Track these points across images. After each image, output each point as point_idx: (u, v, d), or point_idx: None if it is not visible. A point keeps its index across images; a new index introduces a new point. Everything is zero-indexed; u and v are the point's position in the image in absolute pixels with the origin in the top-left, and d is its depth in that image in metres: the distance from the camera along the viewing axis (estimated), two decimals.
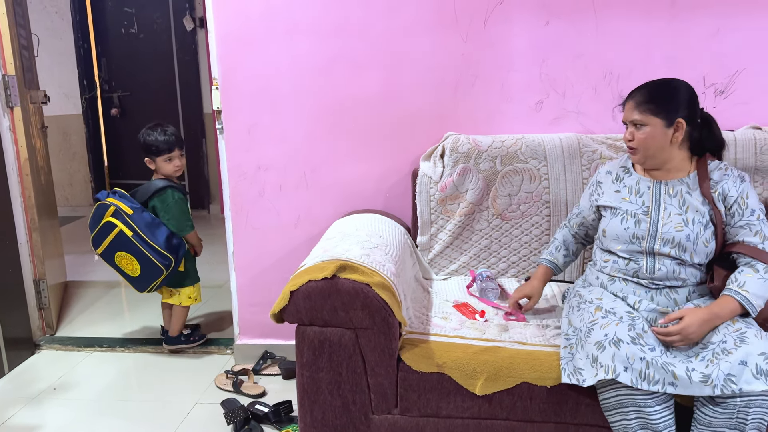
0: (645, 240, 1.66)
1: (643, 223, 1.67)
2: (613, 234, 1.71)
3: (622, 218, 1.70)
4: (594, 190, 1.84)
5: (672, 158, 1.67)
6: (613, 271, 1.73)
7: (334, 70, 2.27)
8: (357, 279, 1.58)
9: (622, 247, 1.69)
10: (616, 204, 1.73)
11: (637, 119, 1.63)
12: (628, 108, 1.67)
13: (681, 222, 1.63)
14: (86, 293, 3.45)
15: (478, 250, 2.21)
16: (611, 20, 2.12)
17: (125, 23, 5.12)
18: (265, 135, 2.35)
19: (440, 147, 2.23)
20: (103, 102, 5.29)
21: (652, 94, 1.63)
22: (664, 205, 1.67)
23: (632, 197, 1.72)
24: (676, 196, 1.66)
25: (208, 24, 2.30)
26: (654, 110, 1.61)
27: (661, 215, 1.66)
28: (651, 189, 1.70)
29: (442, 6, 2.18)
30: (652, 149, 1.64)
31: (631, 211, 1.70)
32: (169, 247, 2.45)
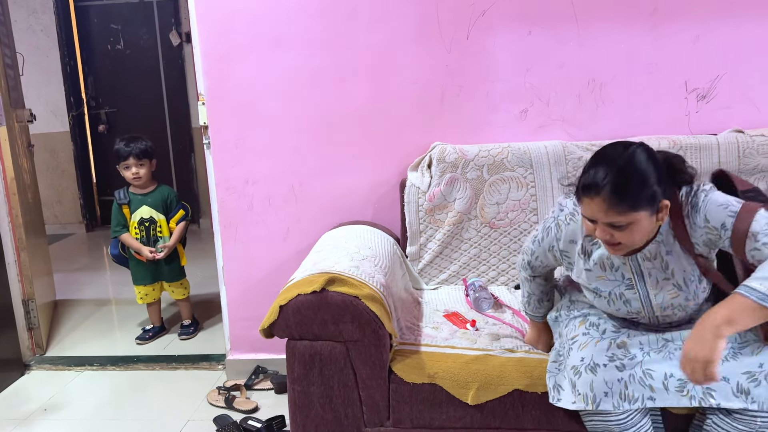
0: (642, 312, 1.49)
1: (634, 302, 1.48)
2: (603, 306, 1.54)
3: (608, 301, 1.51)
4: (557, 255, 1.58)
5: (652, 232, 1.41)
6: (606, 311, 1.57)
7: (320, 83, 2.28)
8: (346, 291, 1.58)
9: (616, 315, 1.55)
10: (593, 286, 1.52)
11: (614, 221, 1.31)
12: (595, 207, 1.32)
13: (673, 289, 1.43)
14: (76, 311, 3.43)
15: (468, 259, 2.21)
16: (593, 28, 2.15)
17: (111, 39, 5.12)
18: (252, 149, 2.36)
19: (427, 157, 2.24)
20: (91, 119, 5.27)
21: (620, 191, 1.29)
22: (647, 272, 1.45)
23: (608, 273, 1.49)
24: (656, 259, 1.43)
25: (194, 39, 2.31)
26: (635, 205, 1.30)
27: (648, 286, 1.46)
28: (627, 262, 1.46)
29: (425, 18, 2.20)
30: (639, 239, 1.37)
31: (614, 292, 1.49)
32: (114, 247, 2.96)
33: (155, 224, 2.86)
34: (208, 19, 2.26)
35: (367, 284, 1.65)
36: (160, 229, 2.87)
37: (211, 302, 3.36)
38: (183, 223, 2.90)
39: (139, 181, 2.82)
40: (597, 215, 1.33)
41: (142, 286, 2.96)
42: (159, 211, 2.87)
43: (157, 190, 2.89)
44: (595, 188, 1.30)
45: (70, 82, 5.10)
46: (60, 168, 5.29)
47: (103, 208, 5.45)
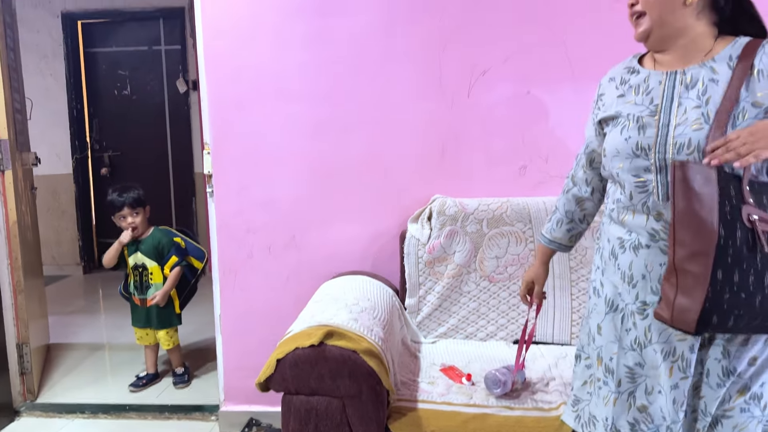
0: (653, 150, 1.26)
1: (649, 129, 1.27)
2: (612, 150, 1.33)
3: (623, 127, 1.31)
4: (596, 106, 1.45)
5: (688, 29, 1.27)
6: (621, 214, 1.34)
7: (324, 134, 2.33)
8: (344, 346, 1.58)
9: (624, 165, 1.30)
10: (618, 110, 1.34)
11: None
12: None
13: (699, 118, 1.22)
14: (69, 356, 3.38)
15: (467, 313, 2.21)
16: (590, 89, 2.19)
17: (118, 85, 5.22)
18: (254, 197, 2.38)
19: (428, 209, 2.27)
20: (94, 161, 5.33)
21: None
22: (677, 101, 1.26)
23: (638, 98, 1.32)
24: (695, 86, 1.25)
25: (201, 92, 2.36)
26: None
27: (673, 114, 1.25)
28: (663, 83, 1.29)
29: (428, 75, 2.26)
30: (659, 9, 1.26)
31: (633, 115, 1.30)
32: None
33: (146, 271, 2.87)
34: (215, 73, 2.32)
35: (366, 338, 1.65)
36: (151, 276, 2.87)
37: (206, 350, 3.33)
38: (176, 269, 2.88)
39: (137, 231, 2.85)
40: None
41: (137, 327, 2.96)
42: (151, 258, 2.87)
43: (150, 236, 2.90)
44: None
45: (76, 126, 5.18)
46: (61, 209, 5.31)
47: (101, 250, 5.43)
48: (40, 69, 5.08)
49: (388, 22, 2.26)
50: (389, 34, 2.26)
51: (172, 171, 5.31)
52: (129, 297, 2.96)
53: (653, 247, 1.28)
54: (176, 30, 5.07)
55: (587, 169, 1.52)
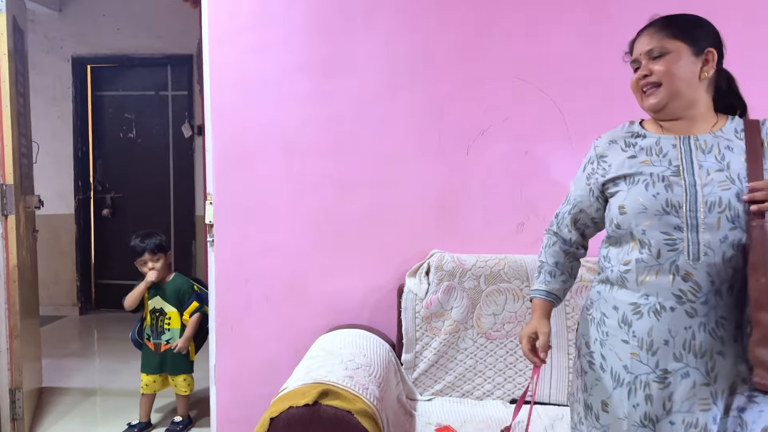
0: (683, 208, 1.25)
1: (677, 187, 1.26)
2: (637, 206, 1.28)
3: (647, 184, 1.29)
4: (595, 167, 1.42)
5: (698, 102, 1.32)
6: (641, 275, 1.28)
7: (325, 188, 2.36)
8: (339, 406, 1.57)
9: (652, 222, 1.27)
10: (635, 170, 1.32)
11: (656, 46, 1.30)
12: (641, 40, 1.34)
13: (725, 179, 1.24)
14: (61, 401, 3.34)
15: (464, 370, 2.20)
16: (585, 148, 2.24)
17: (124, 128, 5.30)
18: (254, 248, 2.40)
19: (426, 264, 2.28)
20: (96, 202, 5.37)
21: (673, 19, 1.32)
22: (697, 163, 1.27)
23: (654, 158, 1.31)
24: (711, 152, 1.28)
25: (207, 141, 2.41)
26: (677, 33, 1.30)
27: (696, 174, 1.26)
28: (678, 146, 1.31)
29: (428, 132, 2.32)
30: (678, 83, 1.29)
31: (657, 173, 1.29)
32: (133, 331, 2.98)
33: (164, 316, 2.87)
34: (221, 124, 2.38)
35: (361, 397, 1.64)
36: (168, 321, 2.88)
37: (202, 400, 3.28)
38: (197, 315, 2.89)
39: (155, 276, 2.86)
40: (641, 46, 1.34)
41: (145, 374, 2.91)
42: (171, 303, 2.88)
43: (171, 281, 2.92)
44: (649, 24, 1.35)
45: (80, 167, 5.24)
46: (60, 249, 5.32)
47: (99, 291, 5.44)
48: (47, 111, 5.17)
49: (390, 83, 2.32)
50: (390, 94, 2.32)
51: (173, 214, 5.34)
52: (141, 343, 2.95)
53: (678, 309, 1.25)
54: (183, 76, 5.18)
55: (572, 228, 1.50)
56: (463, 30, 2.30)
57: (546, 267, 1.52)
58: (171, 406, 3.20)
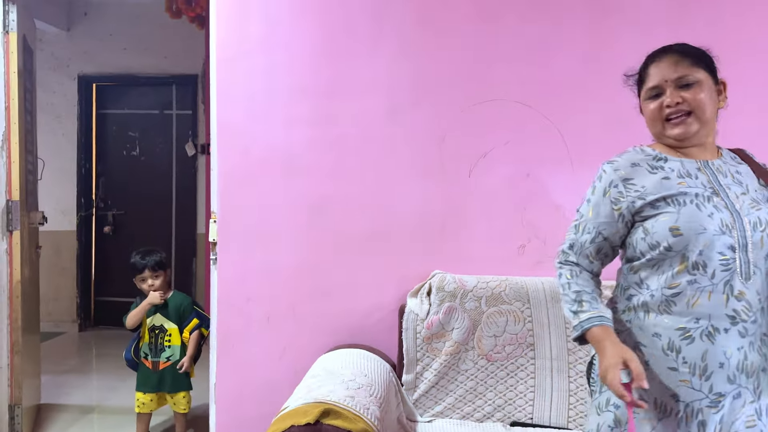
0: (734, 228, 1.26)
1: (723, 209, 1.27)
2: (695, 227, 1.25)
3: (697, 205, 1.27)
4: (622, 191, 1.35)
5: (713, 130, 1.37)
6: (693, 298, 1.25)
7: (328, 208, 2.39)
8: (341, 425, 1.57)
9: (711, 242, 1.24)
10: (675, 191, 1.30)
11: (688, 74, 1.32)
12: (665, 66, 1.34)
13: (753, 202, 1.29)
14: (60, 418, 3.33)
15: (464, 392, 2.20)
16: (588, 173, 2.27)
17: (128, 146, 5.35)
18: (256, 267, 2.42)
19: (427, 285, 2.29)
20: (97, 219, 5.39)
21: (691, 48, 1.36)
22: (726, 186, 1.31)
23: (689, 180, 1.31)
24: (728, 176, 1.33)
25: (212, 160, 2.44)
26: (701, 63, 1.34)
27: (731, 197, 1.29)
28: (702, 170, 1.33)
29: (430, 154, 2.35)
30: (708, 112, 1.32)
31: (701, 194, 1.28)
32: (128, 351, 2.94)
33: (164, 332, 2.87)
34: (226, 144, 2.40)
35: (362, 417, 1.64)
36: (168, 338, 2.87)
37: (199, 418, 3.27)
38: (197, 332, 2.89)
39: (161, 294, 2.86)
40: (666, 72, 1.34)
41: (142, 393, 2.88)
42: (171, 320, 2.88)
43: (171, 298, 2.92)
44: (664, 49, 1.37)
45: (83, 184, 5.27)
46: (61, 266, 5.33)
47: (98, 308, 5.43)
48: (52, 128, 5.22)
49: (392, 105, 2.36)
50: (393, 115, 2.36)
51: (174, 231, 5.36)
52: (136, 362, 2.92)
53: (732, 330, 1.24)
54: (188, 96, 5.24)
55: (594, 258, 1.40)
56: (464, 54, 2.34)
57: (586, 295, 1.36)
58: (165, 425, 3.18)
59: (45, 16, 4.83)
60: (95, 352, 4.79)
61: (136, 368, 2.94)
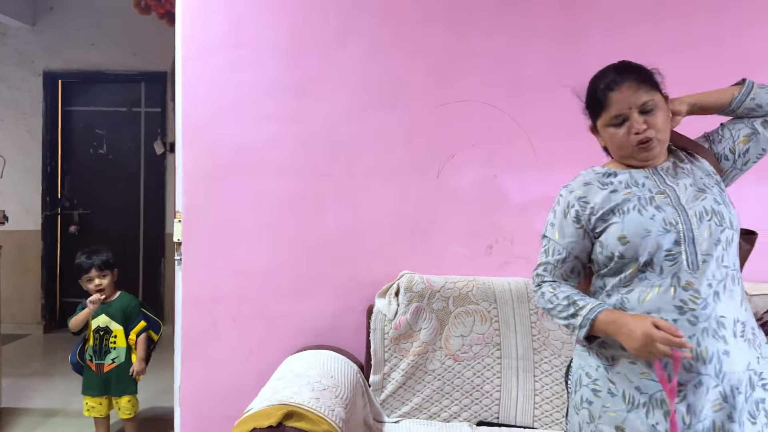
0: (679, 222, 1.32)
1: (666, 206, 1.35)
2: (639, 231, 1.32)
3: (639, 209, 1.35)
4: (578, 209, 1.42)
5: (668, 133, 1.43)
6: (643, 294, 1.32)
7: (296, 209, 2.37)
8: (304, 428, 1.56)
9: (656, 241, 1.31)
10: (621, 200, 1.38)
11: (648, 100, 1.36)
12: (627, 94, 1.36)
13: (697, 191, 1.36)
14: (21, 422, 3.25)
15: (431, 392, 2.20)
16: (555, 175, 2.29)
17: (95, 144, 5.24)
18: (223, 267, 2.39)
19: (395, 285, 2.29)
20: (63, 219, 5.27)
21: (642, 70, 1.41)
22: (673, 183, 1.39)
23: (635, 189, 1.39)
24: (675, 174, 1.41)
25: (177, 158, 2.40)
26: (654, 85, 1.39)
27: (679, 191, 1.37)
28: (649, 177, 1.40)
29: (399, 155, 2.34)
30: (667, 132, 1.40)
31: (644, 197, 1.37)
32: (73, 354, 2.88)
33: (109, 334, 2.81)
34: (192, 141, 2.37)
35: (327, 419, 1.63)
36: (114, 340, 2.81)
37: (162, 419, 3.22)
38: (144, 335, 2.84)
39: (102, 293, 2.81)
40: (629, 99, 1.36)
41: (89, 397, 2.83)
42: (117, 321, 2.82)
43: (117, 299, 2.86)
44: (618, 77, 1.38)
45: (48, 183, 5.15)
46: (25, 266, 5.20)
47: (64, 309, 5.30)
48: (16, 124, 5.09)
49: (362, 104, 2.35)
50: (363, 116, 2.35)
51: (143, 231, 5.27)
52: (82, 365, 2.86)
53: (680, 320, 1.28)
54: (157, 93, 5.15)
55: (567, 277, 1.45)
56: (433, 54, 2.34)
57: (576, 295, 1.40)
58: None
59: (9, 9, 4.70)
60: (60, 355, 4.67)
61: (82, 372, 2.88)
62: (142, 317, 2.87)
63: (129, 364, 2.82)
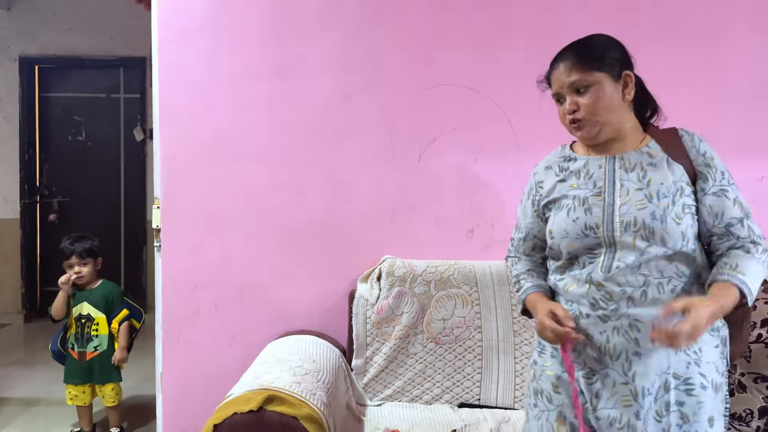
0: (601, 228, 1.33)
1: (596, 209, 1.34)
2: (560, 231, 1.38)
3: (569, 209, 1.38)
4: (535, 193, 1.49)
5: (626, 122, 1.37)
6: (568, 285, 1.39)
7: (277, 194, 2.36)
8: (284, 411, 1.56)
9: (575, 244, 1.36)
10: (561, 194, 1.41)
11: (578, 80, 1.33)
12: (560, 73, 1.36)
13: (642, 198, 1.31)
14: (2, 411, 3.21)
15: (413, 375, 2.22)
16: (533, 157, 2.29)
17: (73, 130, 5.16)
18: (203, 253, 2.37)
19: (377, 270, 2.29)
20: (42, 207, 5.20)
21: (586, 48, 1.36)
22: (619, 182, 1.35)
23: (580, 181, 1.39)
24: (635, 170, 1.35)
25: (155, 146, 2.37)
26: (595, 64, 1.32)
27: (617, 194, 1.34)
28: (603, 166, 1.38)
29: (380, 140, 2.34)
30: (605, 113, 1.33)
31: (578, 197, 1.37)
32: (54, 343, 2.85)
33: (91, 322, 2.79)
34: (170, 127, 2.34)
35: (308, 403, 1.64)
36: (96, 328, 2.79)
37: (145, 407, 3.21)
38: (126, 323, 2.82)
39: (81, 280, 2.80)
40: (561, 79, 1.35)
41: (72, 385, 2.82)
42: (99, 309, 2.80)
43: (99, 287, 2.84)
44: (558, 56, 1.38)
45: (27, 170, 5.07)
46: (4, 255, 5.13)
47: (44, 298, 5.25)
48: None
49: (343, 90, 2.33)
50: (344, 101, 2.34)
51: (123, 219, 5.22)
52: (63, 353, 2.84)
53: (592, 315, 1.35)
54: (137, 79, 5.08)
55: (530, 253, 1.56)
56: (415, 38, 2.33)
57: (522, 275, 1.54)
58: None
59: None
60: (41, 344, 4.63)
61: (63, 360, 2.86)
62: (125, 305, 2.85)
63: (111, 352, 2.81)
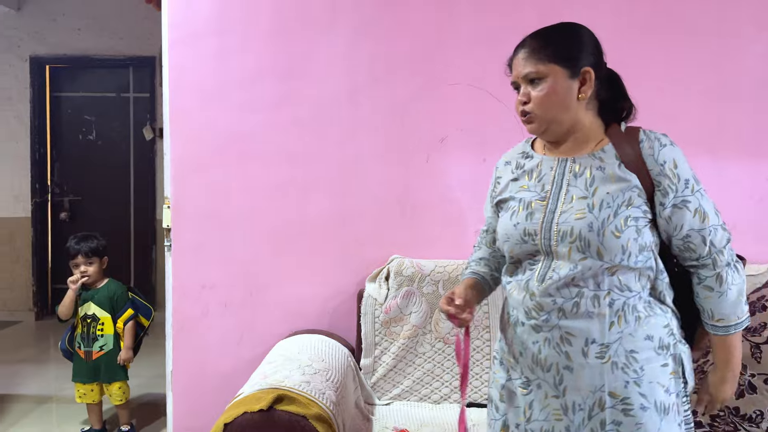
0: (539, 235, 1.28)
1: (537, 214, 1.29)
2: (503, 234, 1.35)
3: (513, 212, 1.33)
4: (493, 189, 1.47)
5: (580, 122, 1.29)
6: (512, 289, 1.35)
7: (286, 194, 2.37)
8: (294, 411, 1.57)
9: (515, 249, 1.32)
10: (510, 195, 1.36)
11: (532, 71, 1.26)
12: (518, 61, 1.29)
13: (584, 208, 1.24)
14: (14, 408, 3.25)
15: (422, 374, 2.22)
16: None
17: (84, 130, 5.19)
18: (212, 253, 2.38)
19: (385, 269, 2.30)
20: (53, 206, 5.24)
21: (548, 38, 1.28)
22: (566, 188, 1.28)
23: (531, 182, 1.33)
24: (583, 175, 1.27)
25: (165, 147, 2.39)
26: (552, 56, 1.25)
27: (561, 200, 1.27)
28: (554, 169, 1.31)
29: (388, 140, 2.34)
30: (554, 109, 1.26)
31: (525, 200, 1.31)
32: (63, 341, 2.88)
33: (97, 322, 2.81)
34: (180, 127, 2.36)
35: (317, 402, 1.65)
36: (101, 328, 2.81)
37: (155, 405, 3.23)
38: (132, 322, 2.84)
39: (87, 279, 2.81)
40: (517, 69, 1.29)
41: (80, 384, 2.84)
42: (104, 309, 2.82)
43: (104, 286, 2.86)
44: (523, 42, 1.31)
45: (38, 169, 5.11)
46: (15, 253, 5.18)
47: (55, 296, 5.29)
48: (3, 111, 5.04)
49: (351, 89, 2.34)
50: (352, 100, 2.34)
51: (133, 218, 5.25)
52: (71, 353, 2.86)
53: (527, 324, 1.30)
54: (146, 78, 5.11)
55: (492, 245, 1.50)
56: (422, 37, 2.33)
57: (472, 262, 1.54)
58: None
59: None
60: (52, 342, 4.67)
61: (71, 358, 2.88)
62: (130, 305, 2.87)
63: (117, 351, 2.82)
